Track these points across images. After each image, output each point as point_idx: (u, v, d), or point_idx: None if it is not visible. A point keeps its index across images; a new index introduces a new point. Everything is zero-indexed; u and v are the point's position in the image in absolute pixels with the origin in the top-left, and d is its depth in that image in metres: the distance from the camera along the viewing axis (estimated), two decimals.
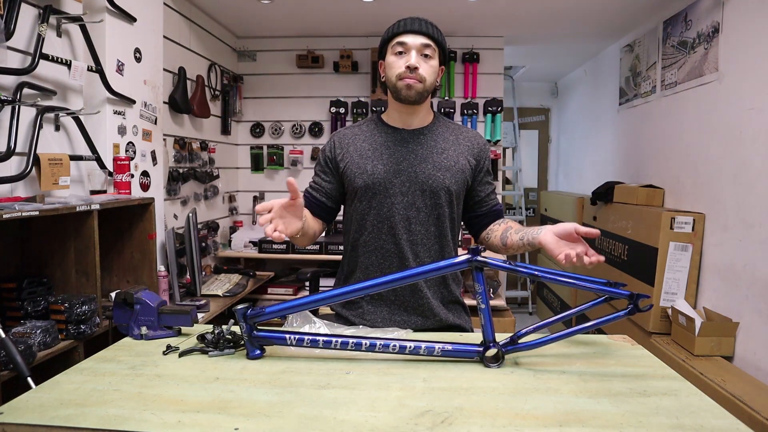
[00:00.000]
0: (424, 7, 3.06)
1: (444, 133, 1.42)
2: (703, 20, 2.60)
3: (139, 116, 2.27)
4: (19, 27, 1.65)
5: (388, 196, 1.35)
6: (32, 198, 1.71)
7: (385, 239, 1.36)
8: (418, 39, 1.31)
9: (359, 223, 1.39)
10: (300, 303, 1.10)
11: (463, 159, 1.39)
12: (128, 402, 0.88)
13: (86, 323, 1.64)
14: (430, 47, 1.32)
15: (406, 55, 1.32)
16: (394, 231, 1.35)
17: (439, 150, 1.38)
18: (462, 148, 1.40)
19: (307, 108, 3.73)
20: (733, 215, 2.32)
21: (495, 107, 3.63)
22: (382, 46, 1.38)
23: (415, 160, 1.36)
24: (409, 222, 1.35)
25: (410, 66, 1.30)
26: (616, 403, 0.88)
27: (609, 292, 1.05)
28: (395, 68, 1.33)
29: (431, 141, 1.39)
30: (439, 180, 1.35)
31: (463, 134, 1.43)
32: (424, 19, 1.35)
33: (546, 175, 5.76)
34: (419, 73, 1.31)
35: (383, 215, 1.36)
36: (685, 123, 2.78)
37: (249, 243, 3.35)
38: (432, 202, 1.36)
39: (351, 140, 1.42)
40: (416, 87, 1.31)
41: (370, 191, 1.36)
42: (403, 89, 1.32)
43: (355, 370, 1.02)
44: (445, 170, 1.36)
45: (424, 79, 1.31)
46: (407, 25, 1.33)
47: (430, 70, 1.33)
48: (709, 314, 2.40)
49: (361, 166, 1.37)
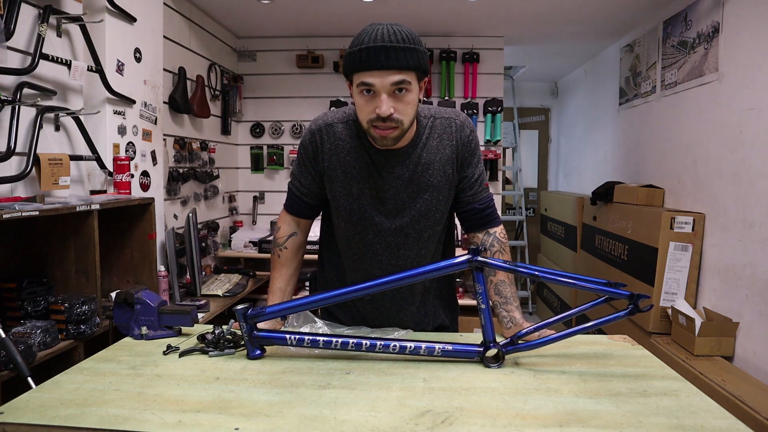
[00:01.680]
0: (423, 7, 3.06)
1: (430, 142, 1.25)
2: (703, 20, 2.60)
3: (139, 116, 2.27)
4: (19, 27, 1.65)
5: (373, 224, 1.25)
6: (32, 198, 1.70)
7: (371, 263, 1.28)
8: (388, 78, 1.07)
9: (345, 242, 1.31)
10: (300, 303, 1.10)
11: (449, 167, 1.26)
12: (128, 402, 0.88)
13: (86, 323, 1.64)
14: (403, 82, 1.08)
15: (375, 97, 1.09)
16: (380, 257, 1.27)
17: (423, 167, 1.24)
18: (447, 154, 1.25)
19: (307, 108, 3.73)
20: (733, 215, 2.32)
21: (495, 107, 3.63)
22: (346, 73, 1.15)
23: (401, 186, 1.23)
24: (397, 248, 1.27)
25: (381, 115, 1.08)
26: (616, 403, 0.88)
27: (609, 293, 1.05)
28: (364, 112, 1.12)
29: (415, 159, 1.23)
30: (426, 202, 1.25)
31: (447, 135, 1.26)
32: (393, 41, 1.07)
33: (546, 175, 5.76)
34: (394, 119, 1.10)
35: (369, 241, 1.27)
36: (685, 123, 2.78)
37: (249, 243, 3.35)
38: (421, 226, 1.26)
39: (334, 146, 1.25)
40: (392, 135, 1.13)
41: (356, 215, 1.26)
42: (378, 139, 1.14)
43: (355, 370, 1.02)
44: (432, 189, 1.24)
45: (401, 123, 1.11)
46: (372, 61, 1.06)
47: (407, 108, 1.11)
48: (709, 314, 2.40)
49: (346, 185, 1.24)
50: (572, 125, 5.08)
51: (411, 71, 1.09)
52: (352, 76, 1.12)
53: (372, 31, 1.09)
